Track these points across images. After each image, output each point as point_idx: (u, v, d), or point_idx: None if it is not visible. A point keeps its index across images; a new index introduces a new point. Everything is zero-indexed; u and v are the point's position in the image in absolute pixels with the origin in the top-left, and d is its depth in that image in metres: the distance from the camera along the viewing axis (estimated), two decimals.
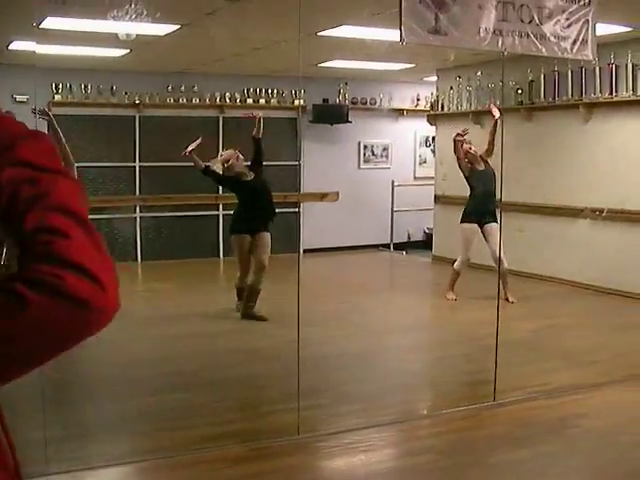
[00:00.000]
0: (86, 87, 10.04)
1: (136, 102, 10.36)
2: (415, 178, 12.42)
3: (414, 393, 5.32)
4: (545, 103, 8.97)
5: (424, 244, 12.09)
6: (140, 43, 7.60)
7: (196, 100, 10.74)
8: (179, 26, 6.92)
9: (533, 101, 9.11)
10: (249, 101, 10.98)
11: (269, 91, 11.13)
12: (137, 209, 10.66)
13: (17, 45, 7.82)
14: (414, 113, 12.16)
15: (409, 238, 12.51)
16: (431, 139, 12.10)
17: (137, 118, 10.49)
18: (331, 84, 11.29)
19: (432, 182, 11.09)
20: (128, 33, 6.59)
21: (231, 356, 5.99)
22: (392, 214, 11.86)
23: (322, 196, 11.59)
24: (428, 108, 11.63)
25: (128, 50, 8.32)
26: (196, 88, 10.67)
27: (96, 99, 10.16)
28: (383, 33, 6.62)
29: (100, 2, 5.00)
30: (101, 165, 10.22)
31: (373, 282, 9.64)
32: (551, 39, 4.90)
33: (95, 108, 10.14)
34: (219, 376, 5.45)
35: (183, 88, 10.59)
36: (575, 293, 8.33)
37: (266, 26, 7.02)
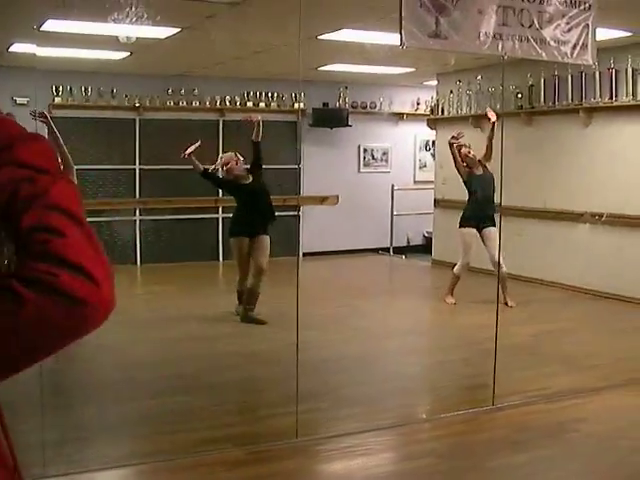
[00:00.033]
0: (86, 90, 10.05)
1: (136, 105, 10.37)
2: (415, 182, 12.43)
3: (413, 397, 5.31)
4: (545, 107, 8.98)
5: (424, 248, 12.09)
6: (140, 46, 7.60)
7: (196, 103, 10.75)
8: (179, 29, 6.93)
9: (533, 105, 9.12)
10: (249, 104, 10.98)
11: (269, 94, 11.15)
12: (137, 212, 10.66)
13: (17, 47, 7.82)
14: (414, 117, 12.17)
15: (409, 242, 12.51)
16: (431, 143, 12.10)
17: (137, 121, 10.50)
18: (331, 88, 11.30)
19: (432, 186, 11.09)
20: (128, 36, 6.60)
21: (230, 359, 5.98)
22: (392, 218, 11.87)
23: (322, 200, 11.60)
24: (428, 112, 11.65)
25: (128, 53, 8.33)
26: (196, 91, 10.68)
27: (96, 102, 10.17)
28: (383, 37, 6.64)
29: (101, 5, 5.00)
30: (101, 168, 10.23)
31: (372, 286, 9.64)
32: (551, 43, 4.91)
33: (95, 111, 10.15)
34: (218, 379, 5.44)
35: (183, 91, 10.60)
36: (575, 297, 8.32)
37: (266, 29, 7.03)
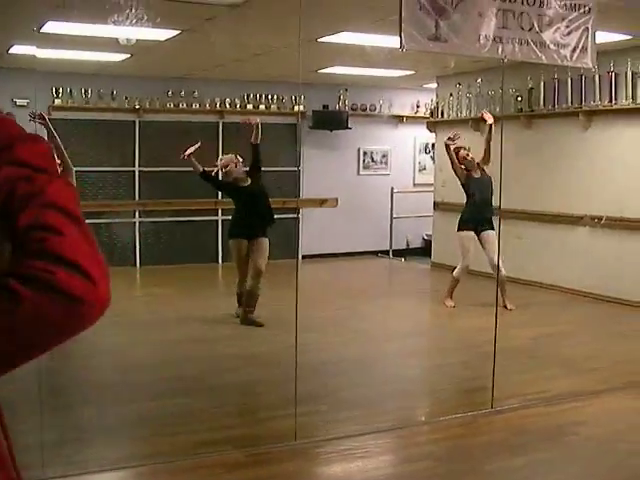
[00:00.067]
0: (86, 91, 10.06)
1: (136, 107, 10.38)
2: (414, 185, 12.42)
3: (412, 400, 5.31)
4: (545, 111, 8.98)
5: (423, 251, 12.09)
6: (140, 48, 7.61)
7: (196, 105, 10.76)
8: (179, 31, 6.93)
9: (533, 108, 9.12)
10: (249, 107, 10.99)
11: (269, 97, 11.15)
12: (136, 214, 10.66)
13: (18, 49, 7.83)
14: (414, 120, 12.17)
15: (408, 245, 12.51)
16: (431, 146, 12.10)
17: (137, 123, 10.50)
18: (331, 90, 11.31)
19: (431, 189, 11.09)
20: (128, 38, 6.61)
21: (230, 361, 5.98)
22: (391, 220, 11.87)
23: (321, 202, 11.61)
24: (428, 115, 11.64)
25: (128, 55, 8.33)
26: (196, 93, 10.69)
27: (96, 104, 10.17)
28: (383, 40, 6.64)
29: (101, 7, 5.00)
30: (101, 170, 10.24)
31: (372, 288, 9.64)
32: (551, 47, 4.91)
33: (95, 113, 10.16)
34: (218, 381, 5.44)
35: (183, 93, 10.61)
36: (574, 301, 8.32)
37: (266, 32, 7.04)
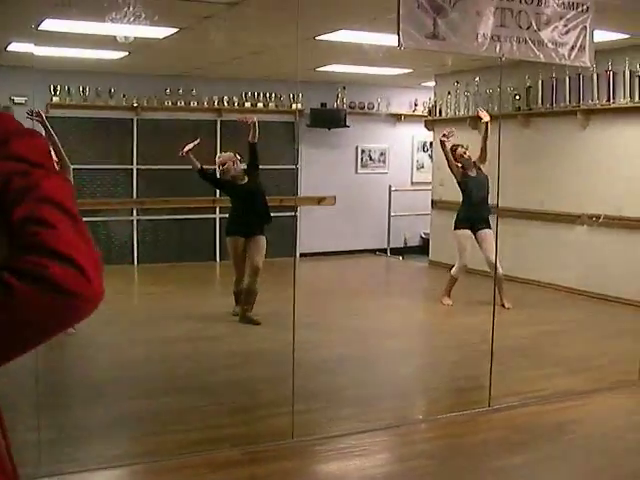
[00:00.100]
0: (84, 89, 10.05)
1: (134, 105, 10.36)
2: (412, 183, 12.43)
3: (409, 398, 5.31)
4: (543, 109, 8.99)
5: (421, 249, 12.09)
6: (138, 46, 7.60)
7: (194, 103, 10.75)
8: (177, 29, 6.93)
9: (531, 107, 9.13)
10: (247, 105, 10.98)
11: (267, 95, 11.14)
12: (134, 212, 10.65)
13: (15, 47, 7.82)
14: (412, 118, 12.17)
15: (406, 243, 12.51)
16: (428, 144, 12.10)
17: (135, 121, 10.49)
18: (329, 88, 11.30)
19: (429, 187, 11.10)
20: (126, 36, 6.60)
21: (228, 359, 5.99)
22: (389, 219, 11.89)
23: (319, 200, 11.61)
24: (426, 113, 11.64)
25: (126, 53, 8.33)
26: (194, 91, 10.68)
27: (94, 101, 10.16)
28: (381, 38, 6.64)
29: (99, 4, 5.00)
30: (99, 168, 10.23)
31: (369, 287, 9.64)
32: (549, 45, 4.92)
33: (93, 110, 10.15)
34: (216, 379, 5.45)
35: (181, 91, 10.60)
36: (571, 299, 8.33)
37: (264, 30, 7.03)
